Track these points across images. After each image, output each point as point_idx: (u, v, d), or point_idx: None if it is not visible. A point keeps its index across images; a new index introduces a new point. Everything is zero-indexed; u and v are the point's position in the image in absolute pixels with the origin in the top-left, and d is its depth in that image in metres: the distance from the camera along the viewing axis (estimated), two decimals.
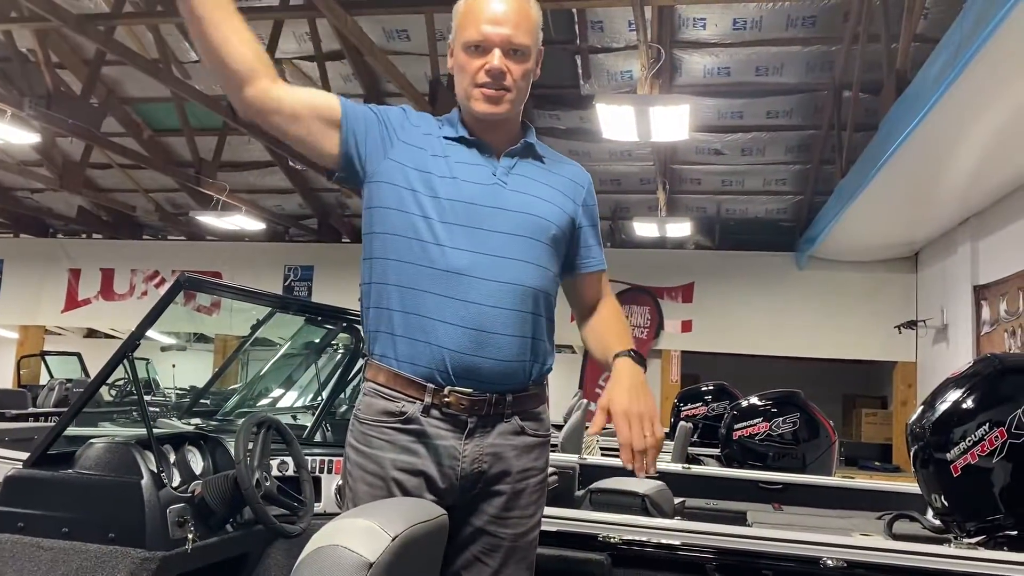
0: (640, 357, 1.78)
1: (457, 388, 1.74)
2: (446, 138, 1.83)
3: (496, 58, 1.77)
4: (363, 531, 1.10)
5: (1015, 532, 3.24)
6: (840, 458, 8.59)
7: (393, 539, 1.11)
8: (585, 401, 6.51)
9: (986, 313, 7.50)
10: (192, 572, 2.40)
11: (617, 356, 1.78)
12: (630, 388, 1.70)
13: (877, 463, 9.69)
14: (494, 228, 1.77)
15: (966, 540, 3.18)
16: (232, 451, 2.47)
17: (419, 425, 1.74)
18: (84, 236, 13.23)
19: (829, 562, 2.34)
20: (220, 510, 2.40)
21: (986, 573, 2.39)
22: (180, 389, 9.59)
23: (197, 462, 2.59)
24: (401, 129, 1.82)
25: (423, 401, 1.74)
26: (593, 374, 10.73)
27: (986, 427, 3.19)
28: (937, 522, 3.62)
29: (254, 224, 10.63)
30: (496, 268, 1.75)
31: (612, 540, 2.42)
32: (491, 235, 1.76)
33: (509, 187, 1.82)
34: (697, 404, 7.83)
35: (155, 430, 2.50)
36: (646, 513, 3.47)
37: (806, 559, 2.37)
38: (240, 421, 2.75)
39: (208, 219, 10.31)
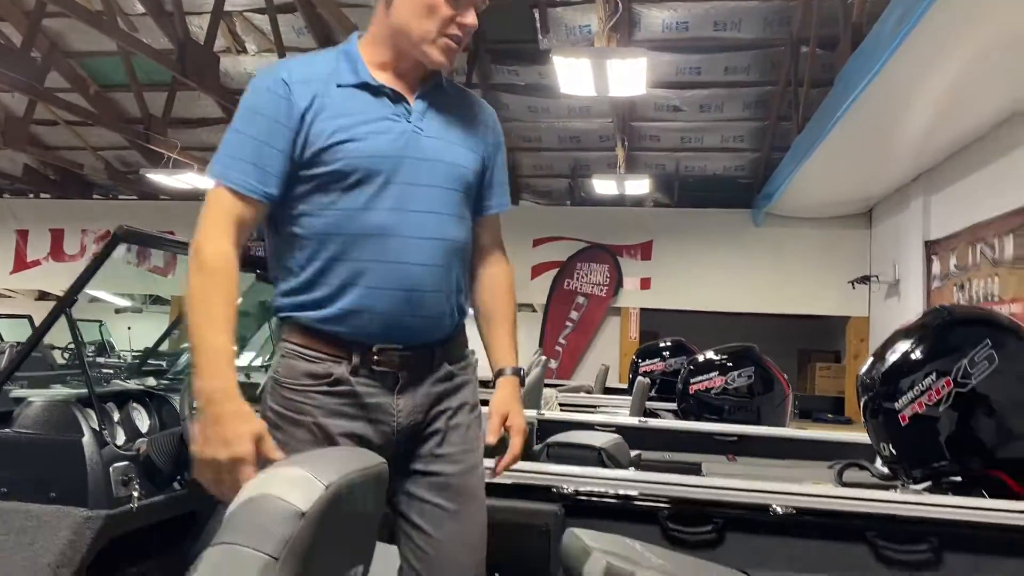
0: (521, 373, 1.93)
1: (386, 346, 1.69)
2: (350, 85, 1.71)
3: (473, 16, 1.70)
4: (296, 480, 1.07)
5: (959, 478, 3.33)
6: (794, 411, 8.74)
7: (327, 488, 1.07)
8: (544, 358, 6.52)
9: (936, 268, 7.64)
10: (139, 530, 2.36)
11: (510, 373, 1.90)
12: (521, 410, 1.89)
13: (830, 415, 9.91)
14: (415, 181, 1.70)
15: (912, 487, 3.25)
16: (179, 408, 2.42)
17: (348, 386, 1.69)
18: (31, 196, 12.85)
19: (779, 509, 2.37)
20: (166, 468, 2.35)
21: (930, 516, 2.44)
22: (136, 351, 9.42)
23: (143, 420, 2.54)
24: (293, 115, 1.66)
25: (350, 362, 1.68)
26: (553, 331, 10.77)
27: (933, 377, 3.24)
28: (885, 470, 3.70)
29: (208, 182, 10.38)
30: (421, 224, 1.69)
31: (565, 491, 2.42)
32: (413, 189, 1.69)
33: (424, 133, 1.73)
34: (655, 360, 7.88)
35: (103, 389, 2.44)
36: (602, 466, 3.50)
37: (756, 506, 2.40)
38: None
39: (159, 177, 10.05)
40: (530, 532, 2.33)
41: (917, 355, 3.31)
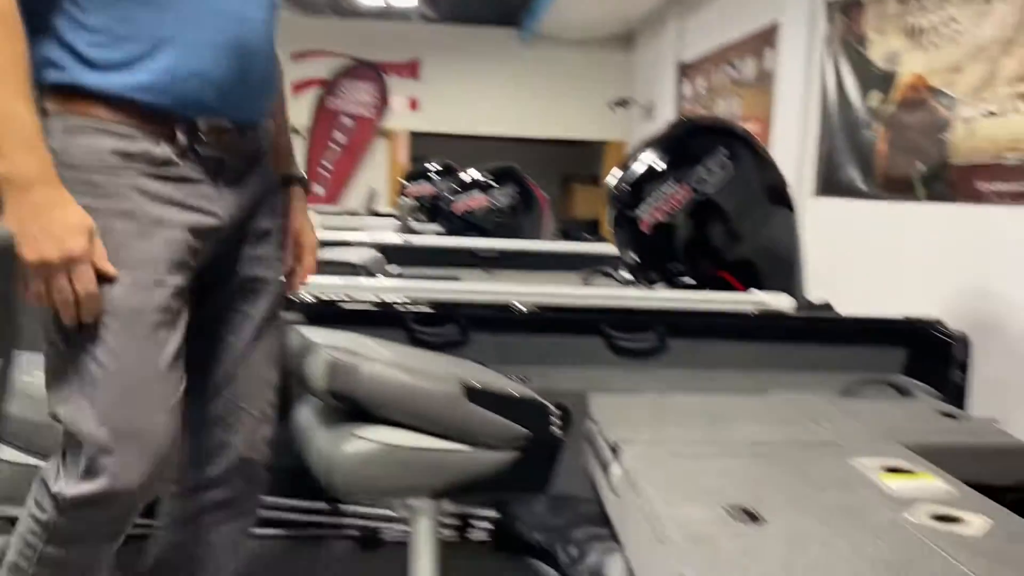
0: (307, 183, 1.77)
1: (214, 121, 1.41)
2: None
3: None
4: None
5: (692, 280, 3.59)
6: (556, 234, 9.11)
7: None
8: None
9: (688, 90, 8.01)
10: None
11: (296, 181, 1.73)
12: (311, 224, 1.74)
13: (588, 236, 10.44)
14: None
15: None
16: None
17: (176, 168, 1.39)
18: None
19: (521, 307, 2.41)
20: None
21: (657, 307, 2.59)
22: None
23: None
24: None
25: (174, 140, 1.39)
26: (317, 155, 10.32)
27: (673, 185, 3.40)
28: (628, 276, 3.93)
29: None
30: None
31: (307, 300, 2.31)
32: None
33: None
34: (423, 183, 7.79)
35: None
36: None
37: (499, 305, 2.43)
38: None
39: None
40: None
41: (659, 164, 3.44)
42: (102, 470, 1.30)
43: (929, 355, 2.54)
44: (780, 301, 2.75)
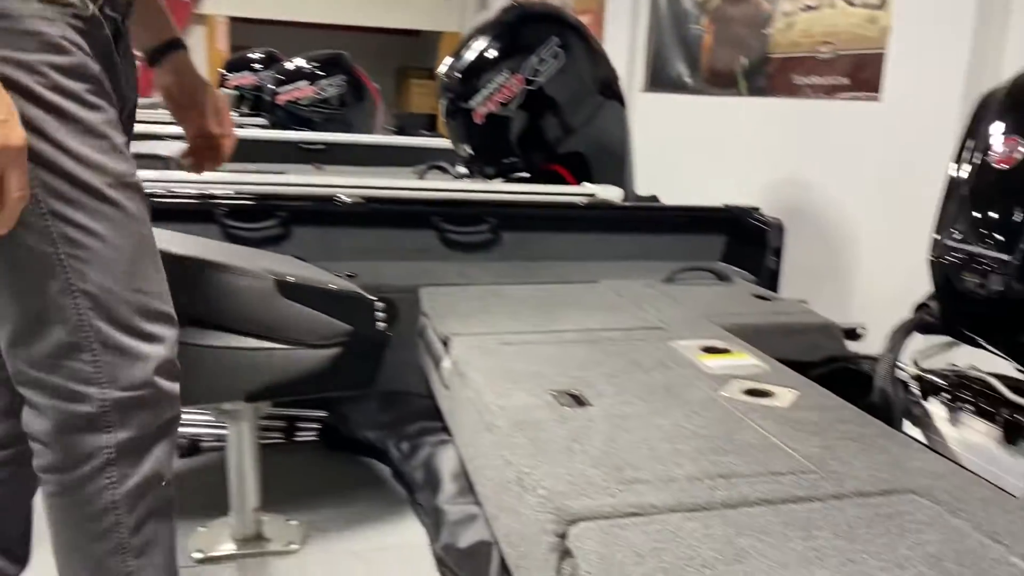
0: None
1: None
2: None
3: None
4: None
5: (526, 174, 3.56)
6: (391, 128, 8.83)
7: None
8: None
9: None
10: None
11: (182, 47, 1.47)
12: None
13: (424, 131, 10.21)
14: None
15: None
16: None
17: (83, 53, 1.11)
18: None
19: (345, 199, 2.30)
20: None
21: (490, 199, 2.54)
22: None
23: None
24: None
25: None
26: None
27: (506, 75, 3.31)
28: (463, 170, 3.86)
29: None
30: None
31: None
32: None
33: None
34: (244, 73, 7.28)
35: None
36: None
37: (323, 198, 2.30)
38: None
39: None
40: None
41: (491, 53, 3.33)
42: None
43: (746, 241, 2.65)
44: (609, 193, 2.77)
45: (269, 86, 5.70)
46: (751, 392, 1.52)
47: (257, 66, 7.31)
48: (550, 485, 1.12)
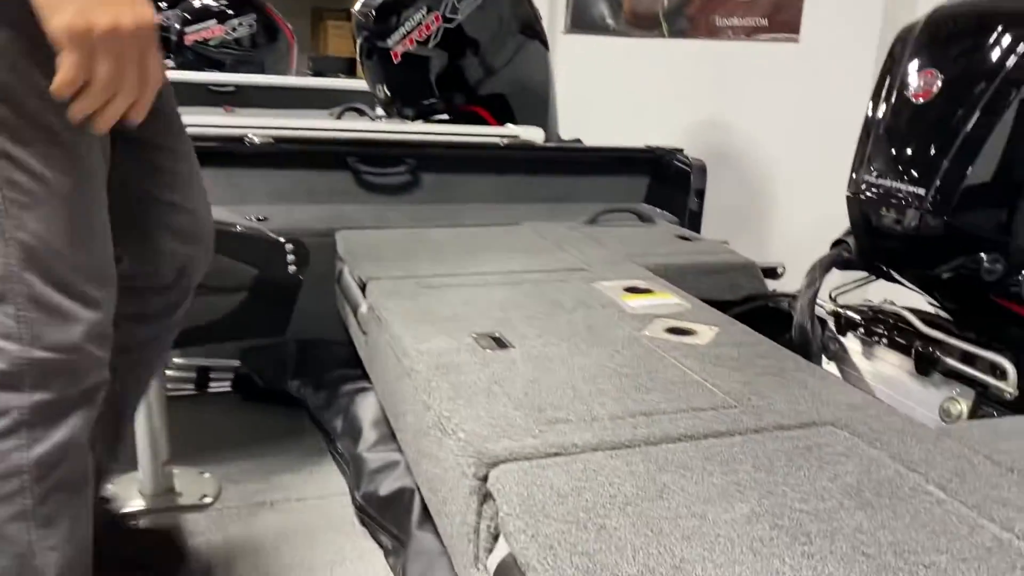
0: None
1: None
2: None
3: None
4: None
5: (446, 116, 3.48)
6: (308, 71, 8.54)
7: None
8: None
9: None
10: None
11: None
12: None
13: (342, 74, 9.91)
14: None
15: None
16: None
17: None
18: None
19: (255, 140, 2.18)
20: None
21: (409, 140, 2.46)
22: None
23: None
24: None
25: None
26: None
27: (423, 12, 3.20)
28: (381, 112, 3.75)
29: None
30: None
31: None
32: None
33: None
34: None
35: None
36: None
37: (231, 139, 2.18)
38: None
39: None
40: None
41: None
42: None
43: (669, 183, 2.64)
44: (531, 134, 2.71)
45: (175, 26, 5.41)
46: (673, 331, 1.51)
47: (162, 4, 6.93)
48: (470, 428, 1.08)
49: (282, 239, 1.55)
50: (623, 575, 0.79)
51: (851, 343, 1.75)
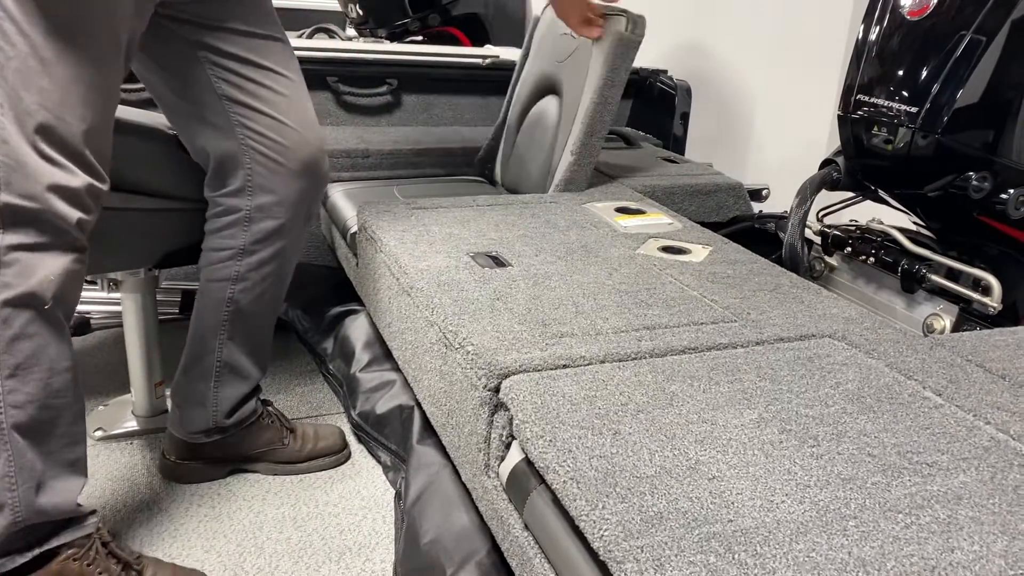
0: None
1: None
2: None
3: None
4: None
5: (420, 37, 3.40)
6: None
7: None
8: None
9: None
10: None
11: None
12: None
13: None
14: None
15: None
16: None
17: None
18: None
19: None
20: None
21: (389, 59, 2.41)
22: None
23: None
24: None
25: None
26: None
27: None
28: (352, 33, 3.65)
29: None
30: None
31: None
32: None
33: None
34: None
35: None
36: None
37: None
38: None
39: None
40: None
41: None
42: None
43: (653, 105, 2.63)
44: (512, 54, 2.66)
45: None
46: (667, 249, 1.53)
47: None
48: (478, 342, 1.09)
49: None
50: (642, 476, 0.82)
51: (837, 262, 1.78)
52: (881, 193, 1.66)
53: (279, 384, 1.85)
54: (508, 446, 1.00)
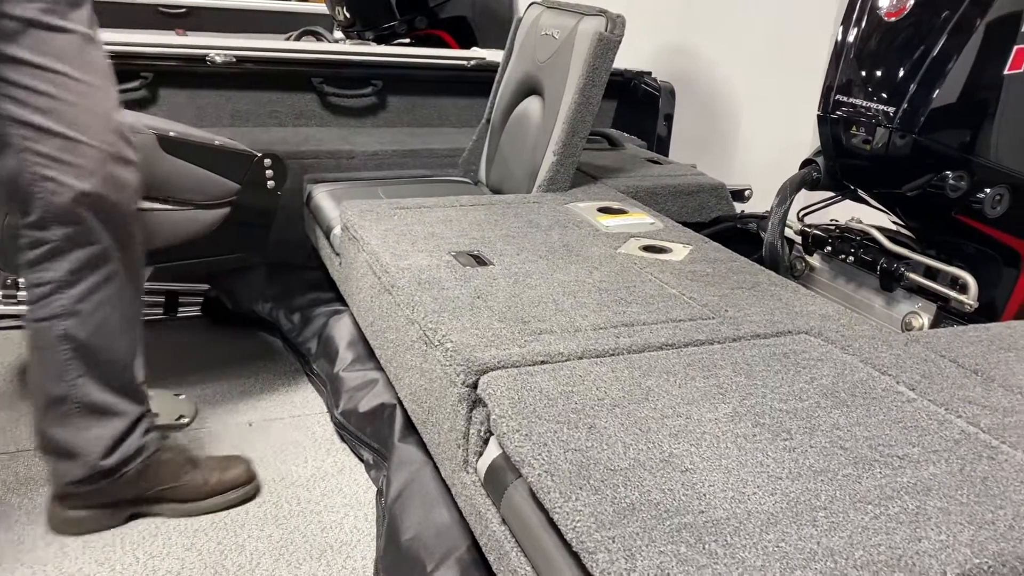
0: None
1: None
2: None
3: None
4: None
5: (408, 39, 3.41)
6: None
7: None
8: None
9: None
10: None
11: None
12: None
13: None
14: None
15: None
16: None
17: None
18: None
19: (217, 59, 2.12)
20: None
21: (375, 61, 2.41)
22: None
23: None
24: None
25: None
26: None
27: None
28: (340, 35, 3.65)
29: None
30: None
31: None
32: None
33: None
34: None
35: None
36: None
37: (191, 58, 2.12)
38: None
39: None
40: None
41: None
42: None
43: (638, 107, 2.64)
44: (498, 56, 2.68)
45: None
46: (648, 248, 1.54)
47: None
48: (457, 339, 1.10)
49: (260, 153, 1.53)
50: (616, 468, 0.82)
51: (817, 261, 1.79)
52: (860, 192, 1.68)
53: (262, 384, 1.85)
54: (486, 442, 1.01)
